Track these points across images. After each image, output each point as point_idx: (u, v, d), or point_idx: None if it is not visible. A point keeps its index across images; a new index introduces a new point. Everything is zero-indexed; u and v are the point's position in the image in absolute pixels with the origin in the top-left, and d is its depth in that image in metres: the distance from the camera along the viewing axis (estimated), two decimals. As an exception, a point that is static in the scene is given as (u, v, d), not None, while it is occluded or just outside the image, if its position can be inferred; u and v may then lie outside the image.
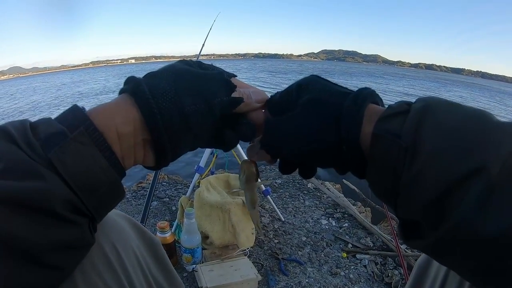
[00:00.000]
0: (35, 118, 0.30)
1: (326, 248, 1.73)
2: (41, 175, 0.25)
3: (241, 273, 1.37)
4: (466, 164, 0.23)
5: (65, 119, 0.29)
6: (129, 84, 0.32)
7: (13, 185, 0.24)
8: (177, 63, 0.36)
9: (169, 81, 0.32)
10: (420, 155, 0.25)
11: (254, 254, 1.64)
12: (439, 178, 0.24)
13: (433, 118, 0.25)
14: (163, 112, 0.30)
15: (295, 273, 1.53)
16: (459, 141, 0.24)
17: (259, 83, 17.28)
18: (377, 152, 0.28)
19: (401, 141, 0.26)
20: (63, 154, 0.26)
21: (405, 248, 1.70)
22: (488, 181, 0.22)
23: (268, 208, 2.06)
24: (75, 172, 0.26)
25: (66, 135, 0.27)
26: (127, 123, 0.30)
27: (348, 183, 2.65)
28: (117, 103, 0.31)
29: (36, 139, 0.26)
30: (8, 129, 0.26)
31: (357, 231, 1.89)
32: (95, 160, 0.28)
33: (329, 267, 1.59)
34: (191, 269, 1.47)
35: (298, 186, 2.45)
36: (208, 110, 0.33)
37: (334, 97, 0.32)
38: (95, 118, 0.29)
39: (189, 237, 1.44)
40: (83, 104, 11.89)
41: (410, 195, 0.26)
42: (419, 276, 0.51)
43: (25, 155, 0.25)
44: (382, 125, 0.28)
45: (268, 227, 1.88)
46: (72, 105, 0.31)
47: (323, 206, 2.17)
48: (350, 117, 0.30)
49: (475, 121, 0.25)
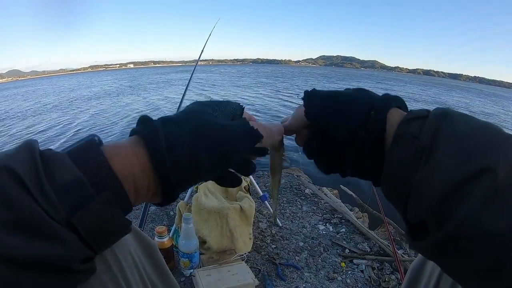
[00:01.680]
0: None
1: (323, 253, 1.73)
2: (60, 238, 0.23)
3: (239, 277, 1.38)
4: (474, 164, 0.25)
5: (83, 161, 0.26)
6: (144, 127, 0.31)
7: (29, 246, 0.21)
8: (195, 106, 0.35)
9: (189, 135, 0.31)
10: (435, 156, 0.27)
11: (251, 259, 1.64)
12: (448, 176, 0.26)
13: (449, 124, 0.28)
14: (177, 169, 0.30)
15: (292, 278, 1.53)
16: (470, 145, 0.26)
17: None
18: (397, 150, 0.31)
19: (420, 142, 0.29)
20: (85, 216, 0.24)
21: (402, 253, 1.71)
22: (494, 180, 0.24)
23: (266, 213, 2.07)
24: (95, 231, 0.25)
25: (86, 189, 0.25)
26: (144, 176, 0.29)
27: (346, 189, 2.66)
28: (133, 150, 0.29)
29: (49, 182, 0.23)
30: (15, 168, 0.23)
31: (354, 236, 1.90)
32: (114, 217, 0.27)
33: (326, 272, 1.59)
34: (188, 273, 1.47)
35: (295, 192, 2.46)
36: (224, 164, 0.33)
37: (370, 94, 0.37)
38: (115, 166, 0.27)
39: (187, 242, 1.44)
40: (101, 104, 11.99)
41: (422, 192, 0.28)
42: (413, 279, 0.52)
43: (40, 210, 0.22)
44: (403, 127, 0.31)
45: (266, 232, 1.88)
46: (89, 137, 0.28)
47: (320, 212, 2.18)
48: (379, 108, 0.34)
49: (485, 130, 0.27)
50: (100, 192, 0.25)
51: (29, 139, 0.26)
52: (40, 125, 8.48)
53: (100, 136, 0.29)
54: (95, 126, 7.90)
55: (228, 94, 14.60)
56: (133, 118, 9.02)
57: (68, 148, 0.27)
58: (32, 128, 8.24)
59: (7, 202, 0.21)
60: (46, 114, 10.54)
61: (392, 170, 0.31)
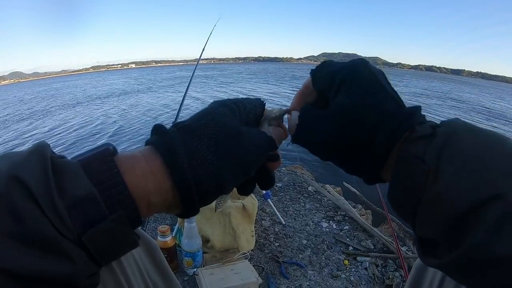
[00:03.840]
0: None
1: (326, 251, 1.73)
2: (69, 256, 0.22)
3: (242, 276, 1.37)
4: (484, 191, 0.24)
5: (96, 174, 0.25)
6: (161, 139, 0.29)
7: (36, 262, 0.21)
8: (214, 109, 0.32)
9: (210, 148, 0.29)
10: (441, 179, 0.26)
11: (254, 257, 1.64)
12: (457, 202, 0.25)
13: (456, 144, 0.27)
14: (200, 187, 0.28)
15: (295, 276, 1.53)
16: (479, 168, 0.25)
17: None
18: (400, 173, 0.29)
19: (424, 165, 0.27)
20: (96, 235, 0.23)
21: (405, 250, 1.70)
22: (506, 207, 0.23)
23: (269, 211, 2.06)
24: (104, 250, 0.24)
25: (99, 206, 0.24)
26: (160, 193, 0.28)
27: (349, 186, 2.66)
28: (149, 165, 0.27)
29: (61, 196, 0.22)
30: (25, 180, 0.22)
31: (358, 233, 1.89)
32: (125, 236, 0.26)
33: (330, 270, 1.58)
34: (192, 272, 1.47)
35: (298, 189, 2.45)
36: (243, 176, 0.32)
37: (373, 116, 0.30)
38: (129, 181, 0.25)
39: (190, 241, 1.44)
40: (116, 102, 12.33)
41: (429, 216, 0.27)
42: (418, 276, 0.51)
43: (50, 226, 0.21)
44: (407, 147, 0.29)
45: (269, 231, 1.88)
46: (103, 147, 0.27)
47: (323, 209, 2.17)
48: (380, 152, 0.31)
49: (496, 150, 0.26)
50: (112, 208, 0.24)
51: (40, 143, 0.25)
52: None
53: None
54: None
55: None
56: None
57: (81, 156, 0.26)
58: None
59: (16, 215, 0.20)
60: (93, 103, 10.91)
61: (397, 192, 0.30)
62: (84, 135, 7.58)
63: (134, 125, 8.27)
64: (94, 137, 7.30)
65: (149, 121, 8.67)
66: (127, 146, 6.41)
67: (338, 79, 0.32)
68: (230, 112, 0.32)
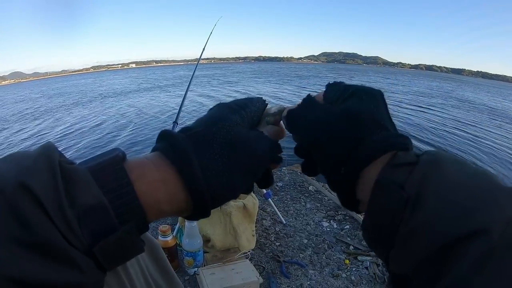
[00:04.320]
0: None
1: (327, 251, 1.73)
2: (78, 265, 0.22)
3: (243, 276, 1.38)
4: (467, 225, 0.22)
5: (105, 181, 0.24)
6: (171, 147, 0.28)
7: (45, 271, 0.20)
8: (222, 114, 0.32)
9: (222, 157, 0.29)
10: (421, 209, 0.24)
11: (255, 257, 1.64)
12: (437, 236, 0.23)
13: (439, 173, 0.25)
14: (214, 196, 0.28)
15: (296, 276, 1.53)
16: (462, 200, 0.23)
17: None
18: (378, 199, 0.27)
19: (404, 192, 0.25)
20: (107, 246, 0.23)
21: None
22: (488, 244, 0.21)
23: (269, 211, 2.06)
24: (113, 258, 0.24)
25: (109, 217, 0.23)
26: (171, 202, 0.27)
27: (349, 185, 2.65)
28: (160, 174, 0.27)
29: (71, 205, 0.22)
30: (33, 188, 0.21)
31: (359, 233, 1.89)
32: (134, 244, 0.26)
33: (331, 269, 1.59)
34: (192, 272, 1.47)
35: (299, 189, 2.45)
36: (252, 180, 0.32)
37: (368, 126, 0.30)
38: (139, 190, 0.25)
39: (191, 241, 1.44)
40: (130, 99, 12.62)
41: (405, 249, 0.25)
42: None
43: (59, 235, 0.21)
44: (387, 173, 0.27)
45: (270, 230, 1.88)
46: (113, 153, 0.26)
47: (324, 209, 2.17)
48: (359, 158, 0.29)
49: (480, 182, 0.24)
50: (121, 217, 0.24)
51: (47, 146, 0.24)
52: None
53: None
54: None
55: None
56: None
57: (90, 162, 0.25)
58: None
59: (24, 223, 0.20)
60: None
61: (373, 220, 0.28)
62: (108, 132, 7.60)
63: (150, 122, 8.32)
64: (116, 131, 7.30)
65: (162, 119, 8.61)
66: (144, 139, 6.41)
67: (352, 90, 0.33)
68: (240, 118, 0.32)
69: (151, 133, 6.86)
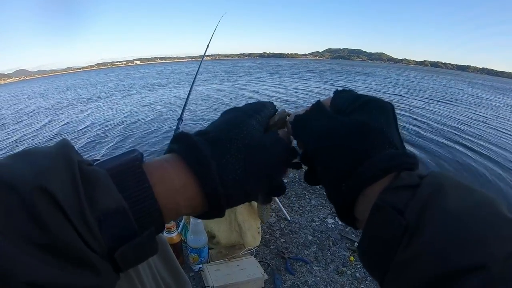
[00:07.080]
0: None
1: (332, 247, 1.73)
2: (97, 269, 0.22)
3: (248, 272, 1.38)
4: (467, 259, 0.21)
5: (125, 185, 0.24)
6: (191, 151, 0.28)
7: (64, 275, 0.20)
8: (239, 119, 0.32)
9: (240, 162, 0.29)
10: (420, 238, 0.23)
11: (260, 253, 1.64)
12: (435, 267, 0.22)
13: (442, 201, 0.24)
14: (229, 201, 0.28)
15: (301, 272, 1.53)
16: (463, 232, 0.22)
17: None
18: (375, 222, 0.26)
19: (403, 218, 0.24)
20: (128, 251, 0.23)
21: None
22: (488, 279, 0.21)
23: (275, 207, 2.06)
24: (131, 262, 0.24)
25: (129, 222, 0.23)
26: (188, 207, 0.28)
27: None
28: (180, 180, 0.27)
29: (91, 209, 0.22)
30: (53, 192, 0.21)
31: (364, 230, 1.89)
32: (151, 247, 0.26)
33: (335, 266, 1.59)
34: (197, 268, 1.48)
35: (304, 186, 2.45)
36: (268, 186, 0.32)
37: (376, 141, 0.29)
38: (159, 195, 0.25)
39: (196, 237, 1.45)
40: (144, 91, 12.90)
41: (401, 276, 0.24)
42: None
43: (78, 239, 0.21)
44: (386, 196, 0.26)
45: (274, 227, 1.89)
46: (131, 154, 0.26)
47: (329, 205, 2.16)
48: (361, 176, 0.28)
49: (484, 213, 0.23)
50: (140, 221, 0.24)
51: (65, 144, 0.24)
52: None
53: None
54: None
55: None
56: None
57: (109, 163, 0.25)
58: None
59: (42, 227, 0.20)
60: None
61: (369, 244, 0.27)
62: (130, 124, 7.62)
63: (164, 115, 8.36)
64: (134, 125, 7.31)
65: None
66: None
67: (362, 101, 0.32)
68: (256, 123, 0.33)
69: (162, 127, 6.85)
